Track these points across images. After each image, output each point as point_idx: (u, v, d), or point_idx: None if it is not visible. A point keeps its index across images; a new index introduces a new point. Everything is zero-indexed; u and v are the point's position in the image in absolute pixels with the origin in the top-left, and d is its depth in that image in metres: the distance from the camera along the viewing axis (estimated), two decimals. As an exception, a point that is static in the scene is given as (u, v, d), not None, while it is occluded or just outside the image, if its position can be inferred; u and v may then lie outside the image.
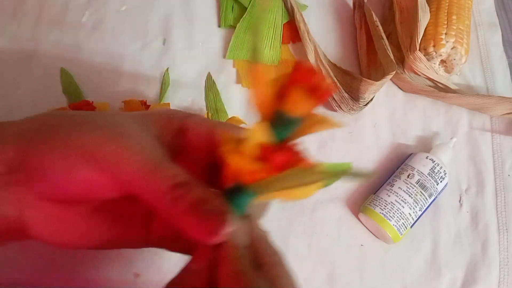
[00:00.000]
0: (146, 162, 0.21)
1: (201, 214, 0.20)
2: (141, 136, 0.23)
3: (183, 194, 0.21)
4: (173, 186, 0.21)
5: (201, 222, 0.20)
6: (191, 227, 0.20)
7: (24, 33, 0.45)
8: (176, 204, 0.20)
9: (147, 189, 0.21)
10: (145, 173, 0.21)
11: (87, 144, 0.21)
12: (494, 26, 0.52)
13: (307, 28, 0.47)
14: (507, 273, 0.39)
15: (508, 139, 0.45)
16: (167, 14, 0.48)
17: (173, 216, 0.21)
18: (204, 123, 0.25)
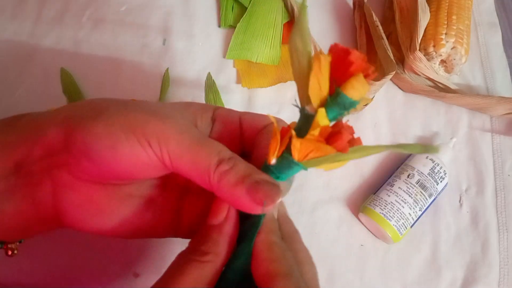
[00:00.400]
0: (192, 139, 0.22)
1: (250, 185, 0.21)
2: (182, 119, 0.24)
3: (230, 168, 0.22)
4: (219, 160, 0.22)
5: (251, 193, 0.21)
6: (240, 199, 0.21)
7: (24, 33, 0.45)
8: (224, 178, 0.21)
9: (193, 165, 0.22)
10: (189, 149, 0.22)
11: (133, 121, 0.22)
12: (494, 26, 0.52)
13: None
14: (507, 273, 0.39)
15: (508, 139, 0.45)
16: (167, 14, 0.48)
17: (221, 189, 0.22)
18: (233, 111, 0.27)
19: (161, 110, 0.24)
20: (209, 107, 0.26)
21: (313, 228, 0.39)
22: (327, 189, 0.41)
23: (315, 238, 0.39)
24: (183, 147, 0.22)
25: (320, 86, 0.20)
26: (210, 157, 0.22)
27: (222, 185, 0.21)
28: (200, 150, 0.22)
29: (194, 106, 0.26)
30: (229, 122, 0.26)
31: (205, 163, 0.22)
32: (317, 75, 0.20)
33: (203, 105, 0.26)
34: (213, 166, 0.22)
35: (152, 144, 0.22)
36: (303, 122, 0.21)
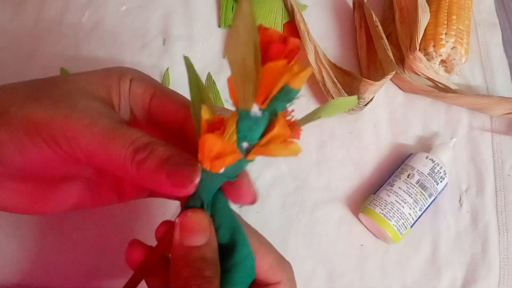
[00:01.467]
0: (100, 132, 0.21)
1: (170, 168, 0.20)
2: (90, 106, 0.22)
3: (147, 155, 0.21)
4: (134, 150, 0.21)
5: (171, 176, 0.20)
6: (161, 183, 0.20)
7: (24, 33, 0.45)
8: (142, 166, 0.20)
9: (108, 158, 0.21)
10: (101, 143, 0.21)
11: (37, 121, 0.21)
12: (494, 26, 0.52)
13: (307, 28, 0.47)
14: (507, 273, 0.39)
15: (508, 139, 0.45)
16: (167, 14, 0.48)
17: (141, 178, 0.21)
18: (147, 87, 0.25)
19: (67, 99, 0.22)
20: (127, 77, 0.24)
21: (313, 228, 0.39)
22: (327, 189, 0.41)
23: (315, 238, 0.39)
24: (95, 143, 0.21)
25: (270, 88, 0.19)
26: (124, 148, 0.21)
27: (142, 174, 0.21)
28: (113, 143, 0.21)
29: (112, 78, 0.24)
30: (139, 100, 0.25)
31: (120, 156, 0.21)
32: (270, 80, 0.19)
33: (122, 74, 0.24)
34: (129, 157, 0.21)
35: (61, 144, 0.21)
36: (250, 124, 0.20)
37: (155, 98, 0.25)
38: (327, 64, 0.45)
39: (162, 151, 0.21)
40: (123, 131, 0.21)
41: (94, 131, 0.21)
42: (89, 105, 0.22)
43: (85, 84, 0.23)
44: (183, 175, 0.20)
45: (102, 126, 0.21)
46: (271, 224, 0.39)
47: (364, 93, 0.42)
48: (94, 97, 0.23)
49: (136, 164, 0.20)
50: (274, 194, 0.40)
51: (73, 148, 0.21)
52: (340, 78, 0.45)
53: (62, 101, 0.22)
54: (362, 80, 0.42)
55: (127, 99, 0.24)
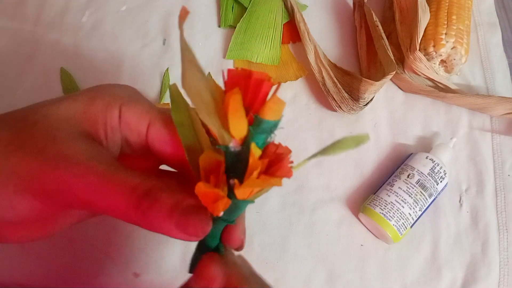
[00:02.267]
0: (95, 182, 0.19)
1: (178, 219, 0.19)
2: (78, 149, 0.20)
3: (152, 203, 0.19)
4: (137, 199, 0.19)
5: (180, 225, 0.19)
6: (170, 231, 0.20)
7: (24, 33, 0.45)
8: (148, 216, 0.19)
9: (109, 208, 0.20)
10: (98, 193, 0.19)
11: (22, 178, 0.19)
12: (494, 26, 0.52)
13: (307, 28, 0.47)
14: (507, 273, 0.39)
15: (508, 139, 0.45)
16: (167, 14, 0.48)
17: (149, 226, 0.20)
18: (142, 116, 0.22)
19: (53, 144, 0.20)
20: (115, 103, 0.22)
21: (313, 228, 0.39)
22: (327, 189, 0.41)
23: (315, 238, 0.39)
24: (91, 192, 0.19)
25: (240, 121, 0.19)
26: (124, 197, 0.19)
27: (149, 223, 0.19)
28: (111, 191, 0.19)
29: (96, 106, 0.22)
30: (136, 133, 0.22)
31: (122, 207, 0.19)
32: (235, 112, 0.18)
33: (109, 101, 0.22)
34: (132, 207, 0.19)
35: (55, 198, 0.20)
36: (233, 160, 0.19)
37: (152, 127, 0.22)
38: (327, 64, 0.45)
39: (166, 199, 0.20)
40: (120, 177, 0.20)
41: (88, 181, 0.19)
42: (76, 149, 0.20)
43: (67, 116, 0.21)
44: (194, 226, 0.19)
45: (97, 173, 0.19)
46: (271, 224, 0.39)
47: (364, 93, 0.42)
48: (79, 135, 0.21)
49: (142, 213, 0.19)
50: (274, 194, 0.40)
51: (69, 200, 0.20)
52: (340, 78, 0.45)
53: (47, 149, 0.20)
54: (362, 80, 0.42)
55: (116, 130, 0.22)
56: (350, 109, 0.43)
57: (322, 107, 0.45)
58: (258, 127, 0.19)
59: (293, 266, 0.38)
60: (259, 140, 0.19)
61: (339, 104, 0.43)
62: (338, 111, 0.43)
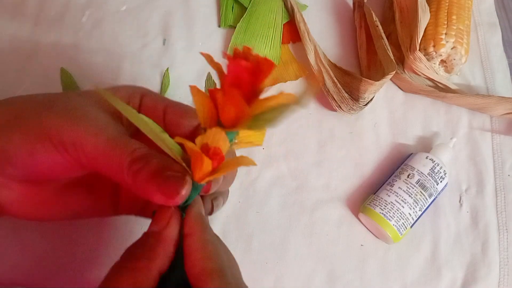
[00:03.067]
0: (104, 141, 0.23)
1: (161, 180, 0.22)
2: (98, 117, 0.24)
3: (143, 165, 0.22)
4: (132, 160, 0.22)
5: (161, 187, 0.22)
6: (152, 193, 0.22)
7: (24, 33, 0.45)
8: (137, 176, 0.22)
9: (109, 166, 0.23)
10: (104, 151, 0.22)
11: (48, 127, 0.23)
12: (494, 26, 0.52)
13: (307, 28, 0.47)
14: (507, 273, 0.39)
15: (508, 139, 0.45)
16: (167, 14, 0.48)
17: (136, 186, 0.22)
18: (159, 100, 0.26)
19: (78, 109, 0.24)
20: (137, 93, 0.26)
21: (313, 228, 0.39)
22: (327, 189, 0.41)
23: (315, 238, 0.39)
24: (98, 150, 0.22)
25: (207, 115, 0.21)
26: (122, 158, 0.22)
27: (136, 183, 0.22)
28: (114, 152, 0.22)
29: (121, 92, 0.26)
30: (152, 114, 0.26)
31: (118, 164, 0.22)
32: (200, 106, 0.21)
33: (131, 91, 0.26)
34: (126, 166, 0.22)
35: (69, 149, 0.23)
36: None
37: (169, 110, 0.26)
38: (327, 64, 0.45)
39: (156, 163, 0.22)
40: (124, 141, 0.23)
41: (98, 139, 0.22)
42: (98, 115, 0.24)
43: (96, 98, 0.25)
44: (171, 187, 0.21)
45: (107, 135, 0.23)
46: (271, 224, 0.39)
47: (364, 93, 0.42)
48: (104, 110, 0.24)
49: (132, 173, 0.22)
50: (274, 194, 0.40)
51: (78, 153, 0.23)
52: (340, 78, 0.45)
53: (73, 110, 0.23)
54: (362, 80, 0.42)
55: None
56: (350, 109, 0.43)
57: (322, 107, 0.45)
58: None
59: (293, 266, 0.38)
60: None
61: (339, 104, 0.43)
62: (338, 111, 0.43)
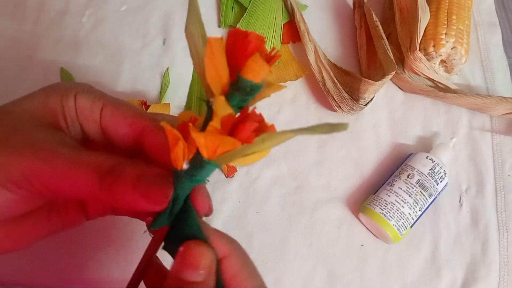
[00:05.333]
0: (61, 165, 0.20)
1: (143, 187, 0.20)
2: (42, 137, 0.21)
3: (116, 177, 0.20)
4: (102, 175, 0.20)
5: (145, 194, 0.20)
6: (136, 203, 0.20)
7: (24, 33, 0.45)
8: (113, 189, 0.20)
9: (75, 189, 0.20)
10: (64, 176, 0.20)
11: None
12: (494, 26, 0.52)
13: (307, 28, 0.47)
14: (507, 273, 0.39)
15: (508, 139, 0.45)
16: (167, 14, 0.48)
17: (115, 200, 0.20)
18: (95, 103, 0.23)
19: (18, 133, 0.21)
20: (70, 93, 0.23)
21: (313, 228, 0.39)
22: (327, 189, 0.41)
23: (315, 238, 0.39)
24: (57, 176, 0.20)
25: (218, 72, 0.18)
26: (89, 176, 0.20)
27: (114, 197, 0.20)
28: (77, 172, 0.20)
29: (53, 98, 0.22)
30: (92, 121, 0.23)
31: (87, 185, 0.20)
32: (212, 60, 0.18)
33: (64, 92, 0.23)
34: (96, 184, 0.20)
35: (22, 184, 0.20)
36: (209, 116, 0.19)
37: (105, 110, 0.23)
38: (327, 64, 0.45)
39: (131, 171, 0.20)
40: (84, 158, 0.20)
41: (53, 165, 0.20)
42: (40, 136, 0.21)
43: (28, 111, 0.22)
44: (157, 193, 0.20)
45: (61, 157, 0.20)
46: (271, 224, 0.39)
47: (364, 93, 0.42)
48: (42, 125, 0.22)
49: (107, 188, 0.20)
50: (274, 194, 0.40)
51: (35, 186, 0.20)
52: (340, 78, 0.45)
53: (12, 138, 0.20)
54: (362, 80, 0.42)
55: (74, 117, 0.23)
56: (350, 109, 0.43)
57: (322, 107, 0.45)
58: (235, 85, 0.19)
59: (293, 266, 0.38)
60: (233, 98, 0.19)
61: (339, 104, 0.43)
62: (338, 111, 0.43)
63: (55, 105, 0.22)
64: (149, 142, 0.23)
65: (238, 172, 0.40)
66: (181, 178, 0.20)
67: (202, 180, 0.21)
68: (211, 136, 0.18)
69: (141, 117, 0.23)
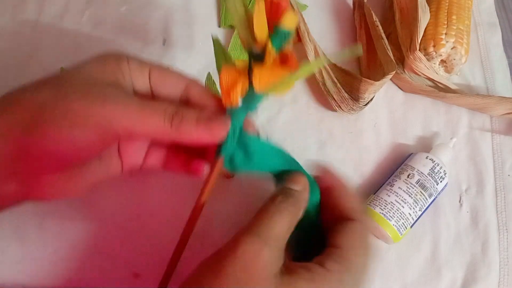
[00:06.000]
0: (135, 111, 0.25)
1: (205, 124, 0.26)
2: (114, 92, 0.26)
3: (181, 118, 0.26)
4: (169, 117, 0.26)
5: (208, 129, 0.26)
6: (201, 137, 0.26)
7: (24, 33, 0.45)
8: (181, 128, 0.26)
9: (148, 130, 0.26)
10: (138, 119, 0.25)
11: (77, 114, 0.24)
12: (494, 26, 0.52)
13: (307, 28, 0.47)
14: (507, 273, 0.39)
15: (508, 139, 0.45)
16: (167, 14, 0.48)
17: (182, 136, 0.26)
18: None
19: (93, 89, 0.25)
20: (123, 59, 0.28)
21: (313, 228, 0.39)
22: (327, 189, 0.41)
23: (315, 238, 0.39)
24: (132, 120, 0.25)
25: (263, 25, 0.26)
26: (161, 117, 0.25)
27: (183, 134, 0.26)
28: (149, 116, 0.25)
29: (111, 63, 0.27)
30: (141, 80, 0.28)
31: (159, 124, 0.25)
32: (259, 16, 0.26)
33: (117, 58, 0.28)
34: (167, 123, 0.25)
35: (106, 128, 0.25)
36: (253, 61, 0.27)
37: (153, 71, 0.28)
38: (327, 64, 0.45)
39: (193, 113, 0.26)
40: (152, 105, 0.26)
41: (130, 111, 0.25)
42: (111, 90, 0.26)
43: (95, 73, 0.26)
44: (216, 125, 0.26)
45: (134, 104, 0.25)
46: (271, 224, 0.39)
47: (364, 93, 0.42)
48: (108, 84, 0.26)
49: (176, 127, 0.26)
50: (274, 194, 0.40)
51: (117, 128, 0.25)
52: (340, 78, 0.45)
53: (91, 92, 0.25)
54: (362, 80, 0.42)
55: (128, 77, 0.28)
56: (350, 109, 0.43)
57: (322, 107, 0.45)
58: (276, 34, 0.26)
59: (293, 266, 0.38)
60: (276, 43, 0.26)
61: (339, 104, 0.43)
62: (338, 111, 0.43)
63: (113, 68, 0.27)
64: (195, 93, 0.29)
65: (238, 172, 0.40)
66: (237, 112, 0.27)
67: (253, 109, 0.28)
68: (267, 70, 0.26)
69: (184, 75, 0.30)
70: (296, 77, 0.27)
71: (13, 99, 0.26)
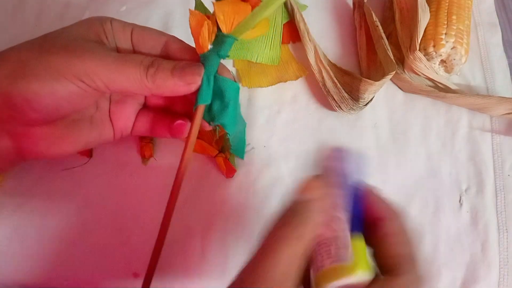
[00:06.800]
0: (112, 63, 0.26)
1: (179, 73, 0.27)
2: (94, 46, 0.27)
3: (157, 68, 0.27)
4: (145, 67, 0.27)
5: (182, 77, 0.27)
6: (175, 85, 0.27)
7: (24, 33, 0.45)
8: (156, 78, 0.27)
9: (125, 80, 0.27)
10: (117, 71, 0.26)
11: (59, 66, 0.26)
12: (494, 26, 0.52)
13: (307, 28, 0.47)
14: (507, 273, 0.39)
15: (508, 139, 0.45)
16: (167, 14, 0.48)
17: (158, 88, 0.27)
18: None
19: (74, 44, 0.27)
20: (107, 20, 0.29)
21: (313, 228, 0.39)
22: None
23: (315, 238, 0.39)
24: (111, 71, 0.26)
25: None
26: (135, 69, 0.27)
27: (158, 84, 0.27)
28: (126, 67, 0.26)
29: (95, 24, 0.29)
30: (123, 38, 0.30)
31: (135, 76, 0.27)
32: None
33: (102, 19, 0.29)
34: (143, 74, 0.27)
35: (84, 79, 0.26)
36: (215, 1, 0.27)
37: (135, 30, 0.30)
38: (327, 64, 0.45)
39: (167, 63, 0.27)
40: (129, 57, 0.27)
41: (107, 63, 0.26)
42: (92, 45, 0.27)
43: (79, 33, 0.28)
44: (190, 73, 0.27)
45: (112, 57, 0.27)
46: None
47: (364, 93, 0.42)
48: (91, 41, 0.28)
49: (151, 77, 0.27)
50: (274, 194, 0.40)
51: (95, 80, 0.26)
52: (340, 78, 0.45)
53: (71, 45, 0.26)
54: (362, 80, 0.42)
55: (111, 36, 0.29)
56: (350, 109, 0.43)
57: (322, 107, 0.45)
58: None
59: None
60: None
61: (339, 104, 0.43)
62: (338, 111, 0.43)
63: (97, 28, 0.28)
64: (174, 48, 0.30)
65: (238, 173, 0.40)
66: (209, 57, 0.28)
67: (225, 54, 0.28)
68: (229, 6, 0.26)
69: (164, 33, 0.31)
70: (260, 13, 0.27)
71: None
